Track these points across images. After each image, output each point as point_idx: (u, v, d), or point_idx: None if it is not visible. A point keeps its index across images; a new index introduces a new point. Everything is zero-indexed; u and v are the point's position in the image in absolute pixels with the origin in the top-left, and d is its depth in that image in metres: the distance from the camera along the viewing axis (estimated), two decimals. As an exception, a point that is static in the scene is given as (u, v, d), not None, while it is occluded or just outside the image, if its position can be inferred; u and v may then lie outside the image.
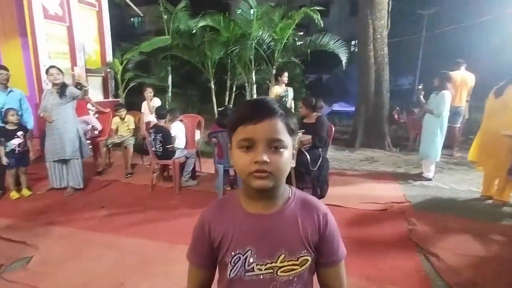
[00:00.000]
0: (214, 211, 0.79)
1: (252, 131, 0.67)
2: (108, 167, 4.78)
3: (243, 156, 0.69)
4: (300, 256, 0.73)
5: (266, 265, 0.73)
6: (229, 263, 0.74)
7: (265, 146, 0.67)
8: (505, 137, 3.21)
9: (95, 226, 2.93)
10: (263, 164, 0.66)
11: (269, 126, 0.68)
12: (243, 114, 0.70)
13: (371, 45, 5.62)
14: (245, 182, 0.71)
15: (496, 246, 2.58)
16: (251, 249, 0.73)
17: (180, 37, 6.55)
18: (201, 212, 0.81)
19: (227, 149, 3.46)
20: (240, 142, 0.69)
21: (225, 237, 0.75)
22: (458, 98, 5.18)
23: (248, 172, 0.68)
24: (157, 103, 4.86)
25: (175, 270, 2.23)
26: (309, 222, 0.75)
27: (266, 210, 0.74)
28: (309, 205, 0.77)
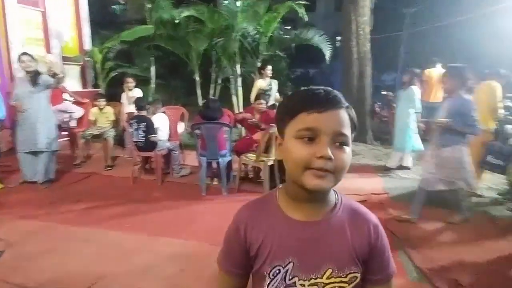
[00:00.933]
0: (251, 212, 0.70)
1: (317, 120, 0.58)
2: (86, 160, 4.64)
3: (302, 148, 0.59)
4: (349, 273, 0.64)
5: (310, 281, 0.64)
6: (267, 275, 0.65)
7: (330, 140, 0.58)
8: None
9: (72, 220, 2.84)
10: (327, 160, 0.57)
11: (336, 117, 0.59)
12: (307, 100, 0.61)
13: (354, 40, 5.70)
14: (297, 180, 0.61)
15: (463, 233, 2.72)
16: (293, 261, 0.64)
17: (163, 27, 6.38)
18: (235, 213, 0.71)
19: (209, 141, 3.43)
20: (301, 131, 0.59)
21: (263, 244, 0.66)
22: (433, 94, 5.41)
23: (306, 167, 0.58)
24: (138, 94, 4.74)
25: (157, 262, 2.21)
26: (359, 233, 0.66)
27: (311, 217, 0.65)
28: (358, 214, 0.68)
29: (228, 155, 3.60)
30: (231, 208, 2.77)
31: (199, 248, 2.41)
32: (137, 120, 3.74)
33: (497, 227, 2.84)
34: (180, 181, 3.92)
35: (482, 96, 3.39)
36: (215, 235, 2.55)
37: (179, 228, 2.74)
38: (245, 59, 6.40)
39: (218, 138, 3.43)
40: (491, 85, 3.40)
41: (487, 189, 3.69)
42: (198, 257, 2.30)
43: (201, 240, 2.53)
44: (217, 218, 2.97)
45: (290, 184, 0.65)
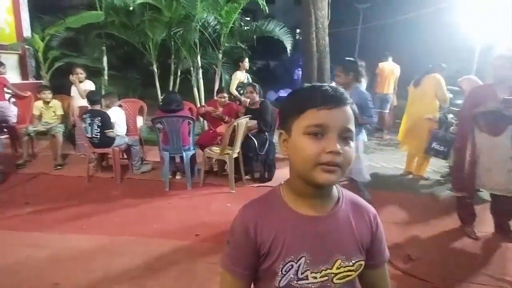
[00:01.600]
0: (258, 210, 0.70)
1: (327, 117, 0.60)
2: (31, 159, 4.20)
3: (312, 144, 0.60)
4: (356, 261, 0.68)
5: (322, 272, 0.66)
6: (279, 271, 0.66)
7: (338, 136, 0.60)
8: (425, 120, 3.69)
9: (20, 225, 2.58)
10: (336, 155, 0.59)
11: (343, 113, 0.62)
12: (316, 96, 0.62)
13: (313, 34, 5.85)
14: (306, 175, 0.62)
15: (414, 213, 3.00)
16: (305, 255, 0.66)
17: (115, 14, 5.92)
18: (239, 214, 0.70)
19: (172, 135, 3.31)
20: (310, 127, 0.61)
21: (275, 241, 0.66)
22: (386, 86, 5.83)
23: (315, 163, 0.60)
24: (90, 87, 4.38)
25: (116, 263, 2.11)
26: (362, 224, 0.70)
27: (318, 211, 0.67)
28: (359, 205, 0.73)
29: (191, 149, 3.52)
30: (197, 203, 2.76)
31: (165, 245, 2.34)
32: (90, 115, 3.47)
33: (440, 206, 3.18)
34: (141, 177, 3.75)
35: (429, 88, 3.69)
36: (181, 231, 2.53)
37: (143, 226, 2.63)
38: (206, 50, 6.23)
39: (181, 131, 3.33)
40: (437, 78, 3.69)
41: (432, 172, 4.10)
42: (166, 255, 2.23)
43: (167, 237, 2.46)
44: (183, 213, 2.91)
45: (296, 180, 0.67)
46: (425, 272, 2.08)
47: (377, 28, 11.16)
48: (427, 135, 3.68)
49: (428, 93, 3.71)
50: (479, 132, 2.45)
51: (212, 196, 3.27)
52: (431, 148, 3.59)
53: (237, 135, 3.33)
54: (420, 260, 2.23)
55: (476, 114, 2.42)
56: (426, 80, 3.73)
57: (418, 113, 3.78)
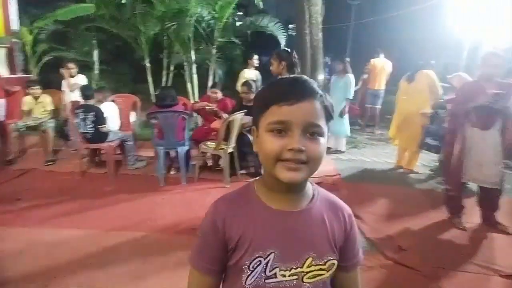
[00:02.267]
0: (228, 206, 0.67)
1: (288, 113, 0.58)
2: (21, 155, 4.12)
3: (273, 141, 0.59)
4: (328, 260, 0.66)
5: (291, 271, 0.63)
6: (247, 267, 0.63)
7: (301, 132, 0.58)
8: (419, 115, 3.74)
9: (12, 221, 2.55)
10: (298, 152, 0.57)
11: (308, 108, 0.59)
12: (277, 92, 0.60)
13: (307, 29, 5.87)
14: (270, 172, 0.61)
15: (404, 206, 3.08)
16: (274, 251, 0.63)
17: (105, 7, 5.80)
18: (209, 208, 0.68)
19: (167, 130, 3.30)
20: (272, 124, 0.59)
21: (244, 236, 0.64)
22: (378, 82, 5.91)
23: (277, 159, 0.58)
24: (82, 81, 4.32)
25: (115, 257, 2.12)
26: (336, 223, 0.68)
27: (291, 207, 0.65)
28: (334, 203, 0.71)
29: (186, 144, 3.51)
30: (191, 197, 2.78)
31: (160, 238, 2.37)
32: (84, 110, 3.43)
33: (430, 198, 3.27)
34: (135, 173, 3.73)
35: (423, 83, 3.75)
36: (176, 225, 2.55)
37: (138, 221, 2.63)
38: (200, 45, 6.18)
39: (175, 126, 3.32)
40: (429, 74, 3.76)
41: (421, 167, 4.20)
42: (160, 247, 2.25)
43: (162, 231, 2.47)
44: (178, 208, 2.92)
45: (268, 176, 0.65)
46: (415, 261, 2.15)
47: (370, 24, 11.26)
48: (419, 130, 3.76)
49: (423, 88, 3.77)
50: (470, 127, 2.54)
51: (206, 191, 3.28)
52: (424, 143, 3.68)
53: (232, 130, 3.34)
54: (411, 251, 2.30)
55: (468, 109, 2.49)
56: (420, 76, 3.79)
57: (410, 108, 3.85)
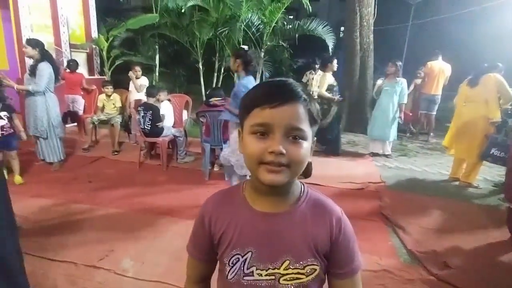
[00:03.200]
0: (215, 204, 0.72)
1: (269, 116, 0.58)
2: (94, 144, 4.80)
3: (255, 143, 0.59)
4: (306, 265, 0.65)
5: (268, 271, 0.65)
6: (227, 263, 0.68)
7: (283, 135, 0.58)
8: (482, 123, 3.42)
9: (84, 199, 3.01)
10: (279, 155, 0.57)
11: (289, 111, 0.58)
12: (260, 95, 0.61)
13: (357, 32, 5.73)
14: (253, 174, 0.63)
15: (457, 221, 2.85)
16: (251, 250, 0.66)
17: (168, 15, 6.43)
18: (202, 205, 0.74)
19: (214, 128, 3.56)
20: (254, 127, 0.60)
21: (225, 234, 0.68)
22: (435, 86, 5.47)
23: (258, 162, 0.59)
24: (144, 82, 4.87)
25: (162, 239, 2.38)
26: (320, 227, 0.66)
27: (273, 208, 0.66)
28: (322, 207, 0.68)
29: (230, 142, 3.73)
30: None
31: (202, 227, 2.57)
32: (144, 108, 3.87)
33: (490, 217, 2.94)
34: (183, 166, 4.08)
35: (490, 88, 3.40)
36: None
37: (183, 209, 2.90)
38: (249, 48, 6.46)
39: (221, 125, 3.56)
40: (497, 77, 3.40)
41: (483, 181, 3.81)
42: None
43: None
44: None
45: (253, 177, 0.66)
46: (463, 281, 1.99)
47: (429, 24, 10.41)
48: (480, 139, 3.43)
49: (489, 93, 3.40)
50: None
51: (247, 188, 3.44)
52: (489, 154, 3.34)
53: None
54: (459, 269, 2.14)
55: None
56: (485, 80, 3.44)
57: (472, 115, 3.52)
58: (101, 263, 2.06)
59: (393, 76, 4.45)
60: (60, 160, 3.76)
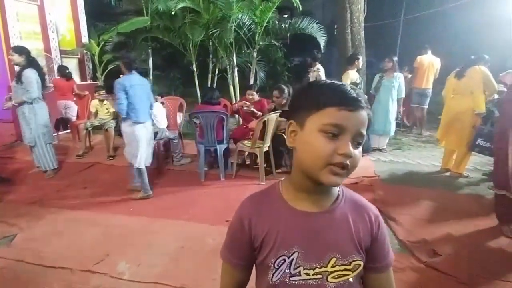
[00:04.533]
0: (255, 205, 0.71)
1: (346, 118, 0.59)
2: (89, 150, 4.79)
3: (326, 143, 0.59)
4: (352, 260, 0.66)
5: (315, 270, 0.65)
6: (272, 265, 0.66)
7: (351, 139, 0.60)
8: (469, 114, 3.47)
9: (79, 205, 3.01)
10: (347, 157, 0.59)
11: (362, 117, 0.61)
12: (338, 95, 0.60)
13: (348, 29, 5.77)
14: (311, 173, 0.62)
15: (447, 211, 2.89)
16: (297, 250, 0.66)
17: (160, 18, 6.42)
18: (238, 208, 0.73)
19: (207, 129, 3.57)
20: (327, 126, 0.59)
21: (268, 235, 0.67)
22: (425, 80, 5.52)
23: (326, 163, 0.59)
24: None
25: (159, 241, 2.40)
26: (361, 224, 0.68)
27: (314, 208, 0.67)
28: (360, 205, 0.71)
29: (225, 143, 3.75)
30: (228, 192, 3.03)
31: (198, 228, 2.59)
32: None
33: (480, 205, 3.01)
34: (179, 168, 4.08)
35: (476, 80, 3.44)
36: (213, 217, 2.77)
37: (179, 211, 2.92)
38: (241, 49, 6.46)
39: (215, 126, 3.58)
40: (483, 69, 3.44)
41: (473, 170, 3.86)
42: (197, 236, 2.47)
43: (200, 221, 2.70)
44: (215, 201, 3.14)
45: (298, 174, 0.66)
46: (451, 267, 2.04)
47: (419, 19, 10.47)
48: (468, 130, 3.48)
49: (475, 85, 3.45)
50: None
51: (243, 187, 3.47)
52: (475, 144, 3.40)
53: (267, 129, 3.48)
54: (447, 256, 2.18)
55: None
56: (471, 72, 3.48)
57: (460, 107, 3.57)
58: (97, 267, 2.08)
59: (390, 72, 4.52)
60: (53, 168, 3.76)
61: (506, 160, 2.38)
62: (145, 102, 3.10)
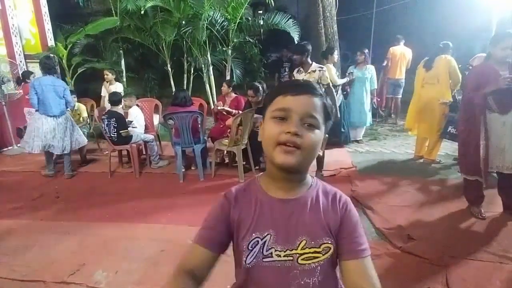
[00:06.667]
0: (236, 193, 0.77)
1: (290, 102, 0.66)
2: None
3: (274, 126, 0.67)
4: (322, 243, 0.70)
5: (286, 252, 0.70)
6: (246, 248, 0.71)
7: (300, 120, 0.65)
8: (439, 104, 3.61)
9: (51, 216, 2.89)
10: (294, 136, 0.64)
11: (308, 100, 0.67)
12: (284, 86, 0.71)
13: (321, 23, 5.84)
14: (269, 158, 0.68)
15: (421, 196, 3.01)
16: (270, 233, 0.70)
17: (130, 18, 6.24)
18: (223, 195, 0.78)
19: (183, 130, 3.52)
20: (275, 111, 0.67)
21: (244, 220, 0.73)
22: (398, 71, 5.70)
23: (275, 142, 0.65)
24: (119, 88, 4.72)
25: (137, 246, 2.34)
26: (330, 208, 0.73)
27: (287, 195, 0.72)
28: (331, 193, 0.76)
29: (201, 142, 3.71)
30: (208, 192, 2.98)
31: (178, 230, 2.55)
32: (107, 116, 3.75)
33: (449, 188, 3.16)
34: (157, 171, 4.00)
35: (443, 69, 3.58)
36: (193, 218, 2.72)
37: (158, 214, 2.85)
38: (216, 47, 6.40)
39: (190, 126, 3.53)
40: (448, 59, 3.57)
41: (444, 156, 4.03)
42: (177, 238, 2.42)
43: (179, 223, 2.66)
44: (195, 202, 3.10)
45: (269, 165, 0.73)
46: (424, 250, 2.12)
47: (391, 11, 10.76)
48: (439, 118, 3.62)
49: (441, 75, 3.60)
50: (489, 113, 2.40)
51: (222, 186, 3.44)
52: (446, 132, 3.54)
53: (244, 127, 3.47)
54: (421, 240, 2.27)
55: (486, 94, 2.35)
56: (437, 62, 3.62)
57: (429, 96, 3.70)
58: (72, 278, 2.00)
59: (362, 64, 4.66)
60: None
61: (477, 147, 2.41)
62: (56, 100, 3.67)
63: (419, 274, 1.93)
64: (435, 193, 3.06)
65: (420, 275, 1.92)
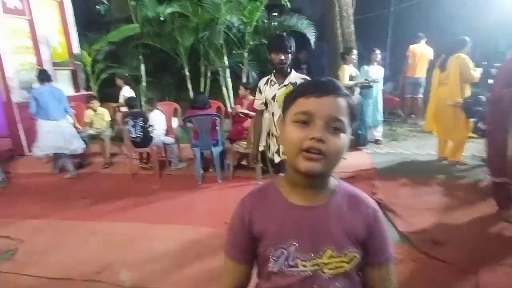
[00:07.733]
0: (253, 201, 0.74)
1: (313, 104, 0.61)
2: (86, 159, 4.78)
3: (296, 131, 0.62)
4: (348, 252, 0.68)
5: (311, 261, 0.67)
6: (271, 257, 0.69)
7: (324, 124, 0.60)
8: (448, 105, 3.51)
9: (77, 216, 3.01)
10: (319, 142, 0.59)
11: (332, 102, 0.62)
12: (306, 86, 0.66)
13: (338, 23, 5.77)
14: (291, 164, 0.65)
15: (446, 199, 2.91)
16: (294, 243, 0.68)
17: (149, 24, 6.43)
18: (239, 203, 0.75)
19: (201, 132, 3.58)
20: (297, 115, 0.63)
21: (267, 229, 0.70)
22: (418, 70, 5.53)
23: (298, 149, 0.61)
24: (127, 93, 4.87)
25: (158, 246, 2.40)
26: (357, 217, 0.69)
27: (310, 202, 0.68)
28: (357, 198, 0.71)
29: (220, 144, 3.75)
30: (226, 194, 3.03)
31: (198, 231, 2.60)
32: (132, 117, 3.88)
33: (478, 192, 3.01)
34: (177, 173, 4.08)
35: (454, 69, 3.47)
36: (212, 219, 2.78)
37: (178, 215, 2.92)
38: (232, 50, 6.47)
39: (209, 128, 3.58)
40: (461, 57, 3.43)
41: (470, 157, 3.87)
42: (197, 239, 2.48)
43: (199, 224, 2.71)
44: (213, 203, 3.15)
45: (289, 169, 0.69)
46: (452, 256, 2.05)
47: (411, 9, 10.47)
48: (452, 120, 3.52)
49: (452, 75, 3.49)
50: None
51: (240, 188, 3.47)
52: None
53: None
54: (447, 244, 2.19)
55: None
56: (451, 62, 3.50)
57: (444, 97, 3.59)
58: (98, 276, 2.08)
59: (376, 64, 4.54)
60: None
61: (505, 148, 2.32)
62: (56, 104, 3.91)
63: (446, 280, 1.87)
64: (461, 196, 2.94)
65: (448, 281, 1.86)
